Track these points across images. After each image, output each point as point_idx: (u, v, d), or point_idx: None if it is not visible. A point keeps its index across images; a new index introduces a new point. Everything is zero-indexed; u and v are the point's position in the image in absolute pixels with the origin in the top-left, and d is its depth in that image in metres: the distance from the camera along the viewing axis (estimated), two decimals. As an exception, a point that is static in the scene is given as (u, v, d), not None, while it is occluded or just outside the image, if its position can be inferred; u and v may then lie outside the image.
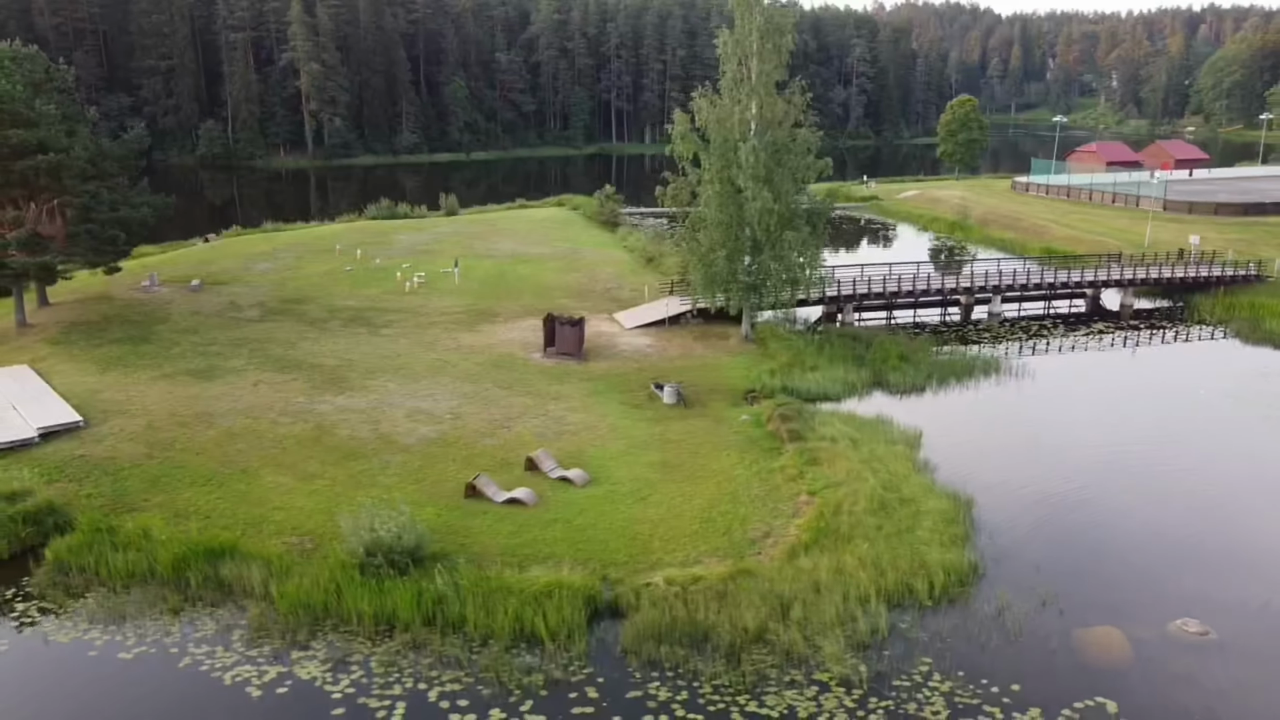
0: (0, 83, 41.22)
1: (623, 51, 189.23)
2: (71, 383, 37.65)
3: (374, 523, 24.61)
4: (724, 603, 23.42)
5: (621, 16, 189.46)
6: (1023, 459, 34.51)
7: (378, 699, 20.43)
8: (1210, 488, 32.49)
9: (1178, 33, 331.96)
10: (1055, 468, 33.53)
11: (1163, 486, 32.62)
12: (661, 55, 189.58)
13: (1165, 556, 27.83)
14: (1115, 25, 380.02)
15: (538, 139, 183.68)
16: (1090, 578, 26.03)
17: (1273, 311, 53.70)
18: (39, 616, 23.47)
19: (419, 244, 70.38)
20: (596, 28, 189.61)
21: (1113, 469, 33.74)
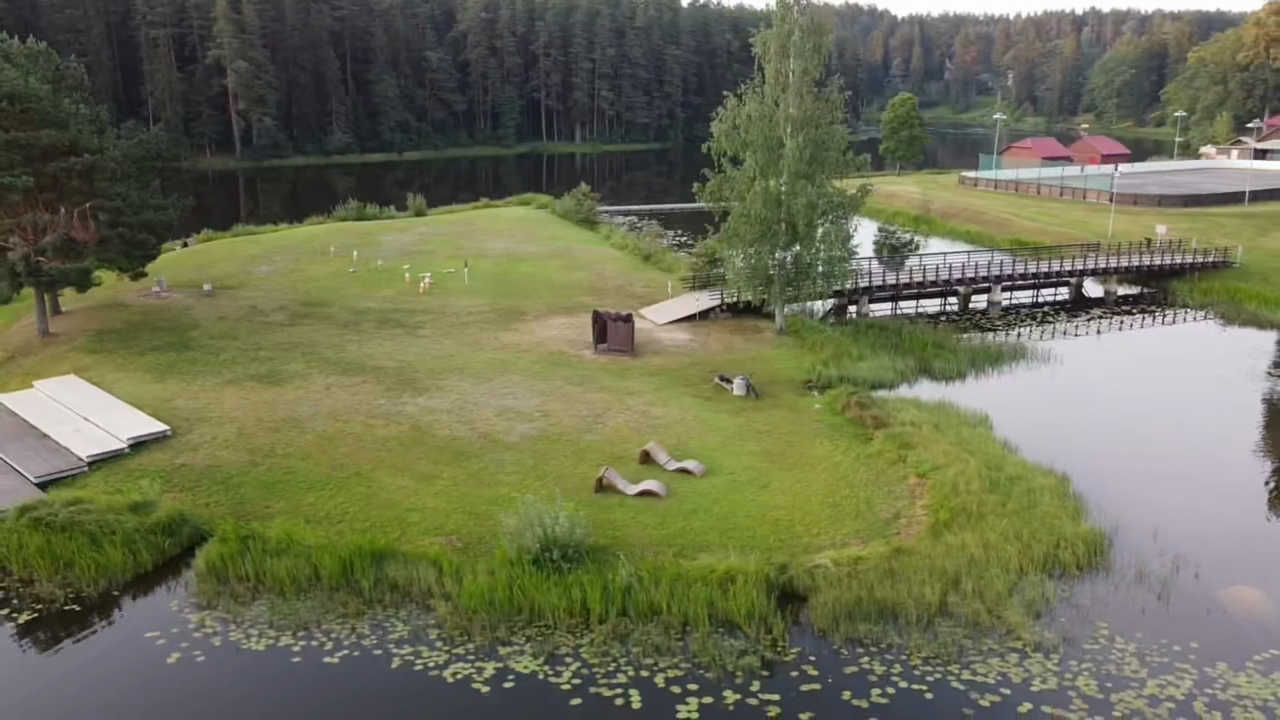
0: (29, 80, 39.41)
1: (551, 50, 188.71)
2: (134, 392, 36.38)
3: (544, 518, 24.81)
4: (896, 580, 24.43)
5: (550, 15, 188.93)
6: (1089, 434, 36.48)
7: (607, 688, 20.77)
8: (1253, 450, 35.10)
9: (1069, 34, 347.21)
10: (1121, 441, 35.70)
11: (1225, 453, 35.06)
12: (590, 54, 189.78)
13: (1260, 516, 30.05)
14: (1007, 27, 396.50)
15: (469, 138, 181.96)
16: (1204, 540, 27.95)
17: (1249, 295, 57.69)
18: (219, 626, 22.97)
19: (407, 244, 69.52)
20: (525, 26, 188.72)
21: (1176, 437, 36.09)
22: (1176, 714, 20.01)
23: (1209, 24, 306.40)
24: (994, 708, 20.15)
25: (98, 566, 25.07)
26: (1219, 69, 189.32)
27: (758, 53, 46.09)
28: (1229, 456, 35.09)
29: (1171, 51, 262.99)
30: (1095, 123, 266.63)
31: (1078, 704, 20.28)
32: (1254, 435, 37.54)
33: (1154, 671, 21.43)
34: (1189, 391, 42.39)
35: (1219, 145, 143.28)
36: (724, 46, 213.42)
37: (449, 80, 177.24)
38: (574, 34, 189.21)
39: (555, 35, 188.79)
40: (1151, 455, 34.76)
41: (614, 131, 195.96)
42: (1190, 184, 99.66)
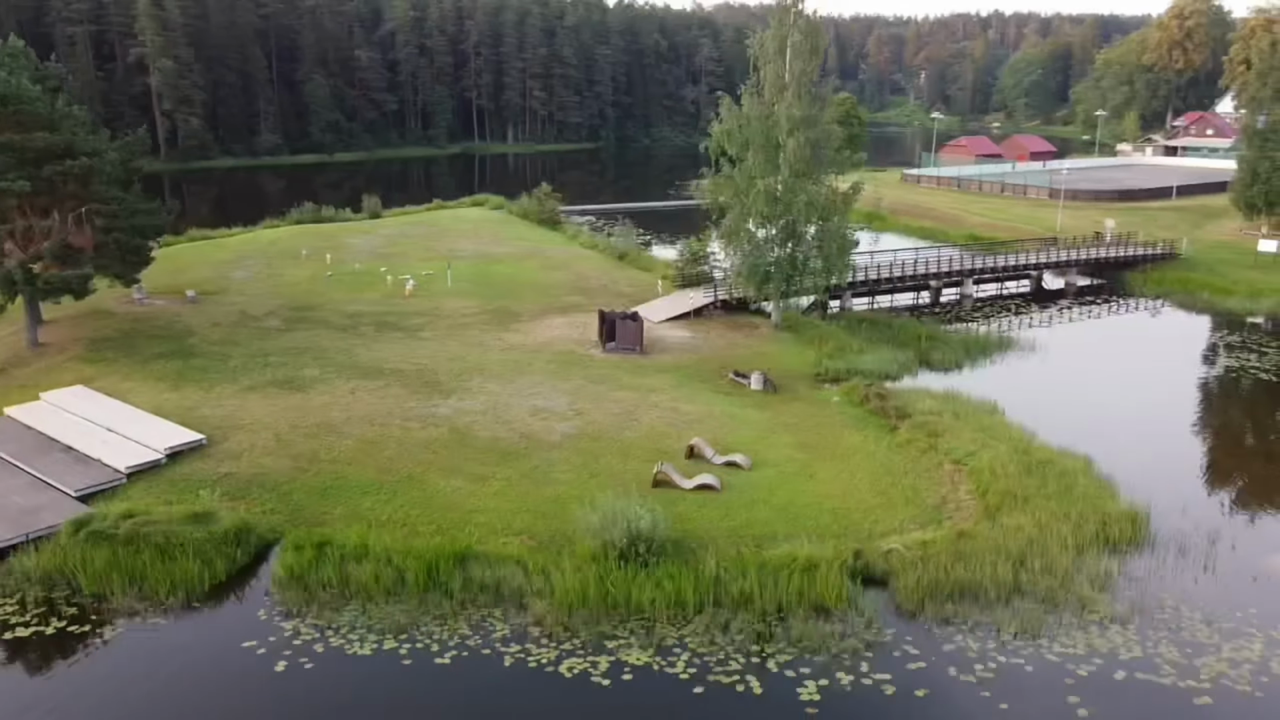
0: (20, 80, 37.95)
1: (482, 49, 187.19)
2: (151, 401, 35.41)
3: (629, 514, 25.19)
4: (966, 561, 25.49)
5: (480, 14, 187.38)
6: (1092, 417, 38.29)
7: (724, 674, 21.31)
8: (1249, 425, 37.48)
9: (977, 36, 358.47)
10: (1124, 423, 37.67)
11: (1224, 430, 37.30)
12: (522, 54, 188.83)
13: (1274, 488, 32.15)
14: (917, 28, 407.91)
15: (400, 139, 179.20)
16: (1230, 514, 29.87)
17: (1200, 284, 61.08)
18: (315, 633, 22.75)
19: (375, 247, 68.64)
20: (455, 25, 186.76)
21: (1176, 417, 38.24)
22: (1257, 674, 21.47)
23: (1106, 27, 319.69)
24: (1091, 677, 21.32)
25: (173, 579, 24.53)
26: (1125, 70, 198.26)
27: (754, 54, 46.97)
28: (1229, 433, 37.38)
29: (1076, 53, 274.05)
30: (1006, 121, 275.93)
31: (1166, 670, 21.61)
32: (1246, 412, 39.96)
33: (1225, 637, 22.92)
34: (1174, 374, 44.94)
35: (1134, 143, 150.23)
36: (652, 47, 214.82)
37: (379, 80, 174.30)
38: (504, 33, 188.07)
39: (486, 34, 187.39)
40: (1156, 435, 36.81)
41: (546, 131, 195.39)
42: (1117, 180, 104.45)
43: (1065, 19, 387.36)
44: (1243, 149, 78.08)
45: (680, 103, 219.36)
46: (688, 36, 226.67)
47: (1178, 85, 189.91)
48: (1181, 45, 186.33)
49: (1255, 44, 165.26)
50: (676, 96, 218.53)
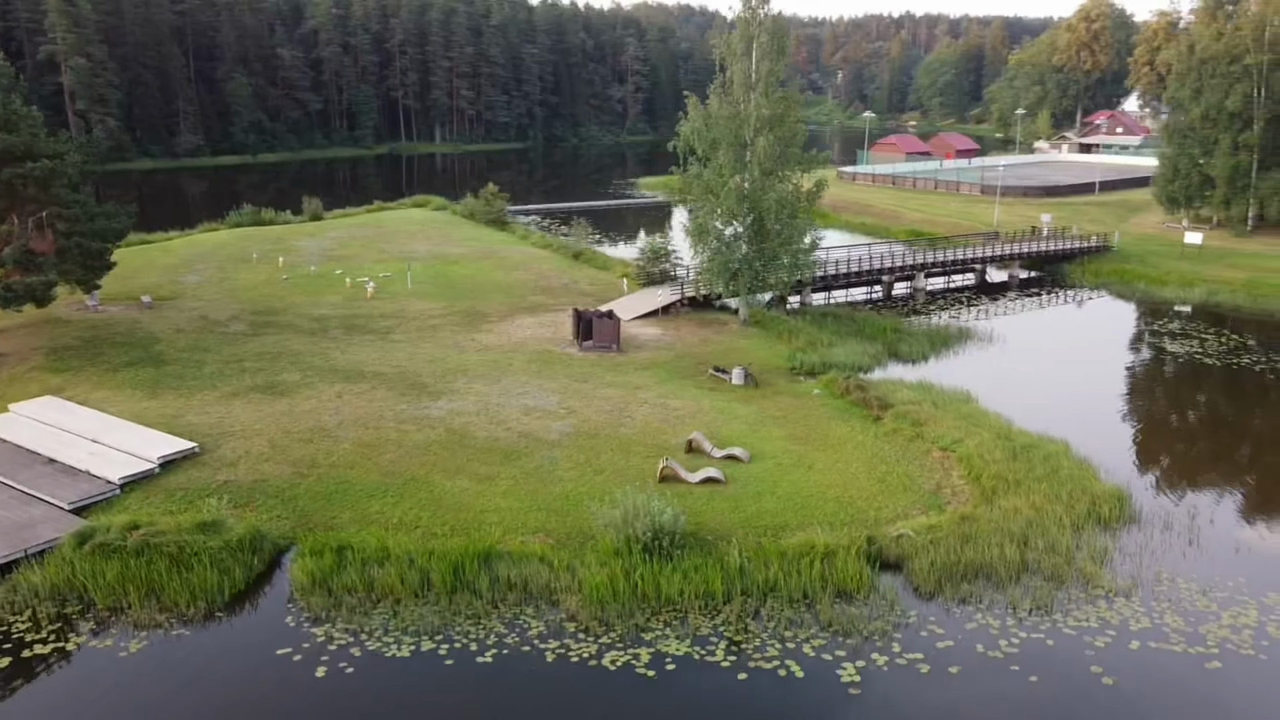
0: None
1: (408, 48, 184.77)
2: (131, 410, 34.45)
3: (651, 508, 25.55)
4: (973, 543, 26.50)
5: (404, 12, 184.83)
6: (1060, 402, 40.01)
7: (764, 660, 21.83)
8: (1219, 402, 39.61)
9: (893, 36, 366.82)
10: (1090, 407, 39.41)
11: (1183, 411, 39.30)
12: (448, 52, 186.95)
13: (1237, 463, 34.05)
14: (832, 29, 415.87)
15: (325, 139, 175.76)
16: (1203, 489, 31.56)
17: (1136, 275, 64.03)
18: (349, 637, 22.56)
19: (326, 249, 67.57)
20: (379, 23, 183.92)
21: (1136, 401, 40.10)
22: (1257, 638, 22.88)
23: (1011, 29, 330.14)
24: (1108, 648, 22.44)
25: (191, 589, 24.02)
26: (1037, 70, 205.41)
27: (720, 54, 47.67)
28: (1185, 415, 39.38)
29: (987, 54, 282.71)
30: (922, 120, 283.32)
31: (1175, 638, 22.87)
32: (1197, 396, 42.12)
33: (1223, 605, 24.33)
34: (1126, 360, 47.19)
35: (1050, 140, 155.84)
36: (578, 46, 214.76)
37: (302, 79, 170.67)
38: (430, 32, 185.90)
39: (411, 33, 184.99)
40: (1118, 418, 38.62)
41: (474, 131, 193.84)
42: (1041, 176, 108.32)
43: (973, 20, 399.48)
44: (1164, 146, 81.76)
45: (608, 102, 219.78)
46: (613, 36, 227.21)
47: (1086, 85, 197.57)
48: (1089, 47, 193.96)
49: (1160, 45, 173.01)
50: (603, 96, 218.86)
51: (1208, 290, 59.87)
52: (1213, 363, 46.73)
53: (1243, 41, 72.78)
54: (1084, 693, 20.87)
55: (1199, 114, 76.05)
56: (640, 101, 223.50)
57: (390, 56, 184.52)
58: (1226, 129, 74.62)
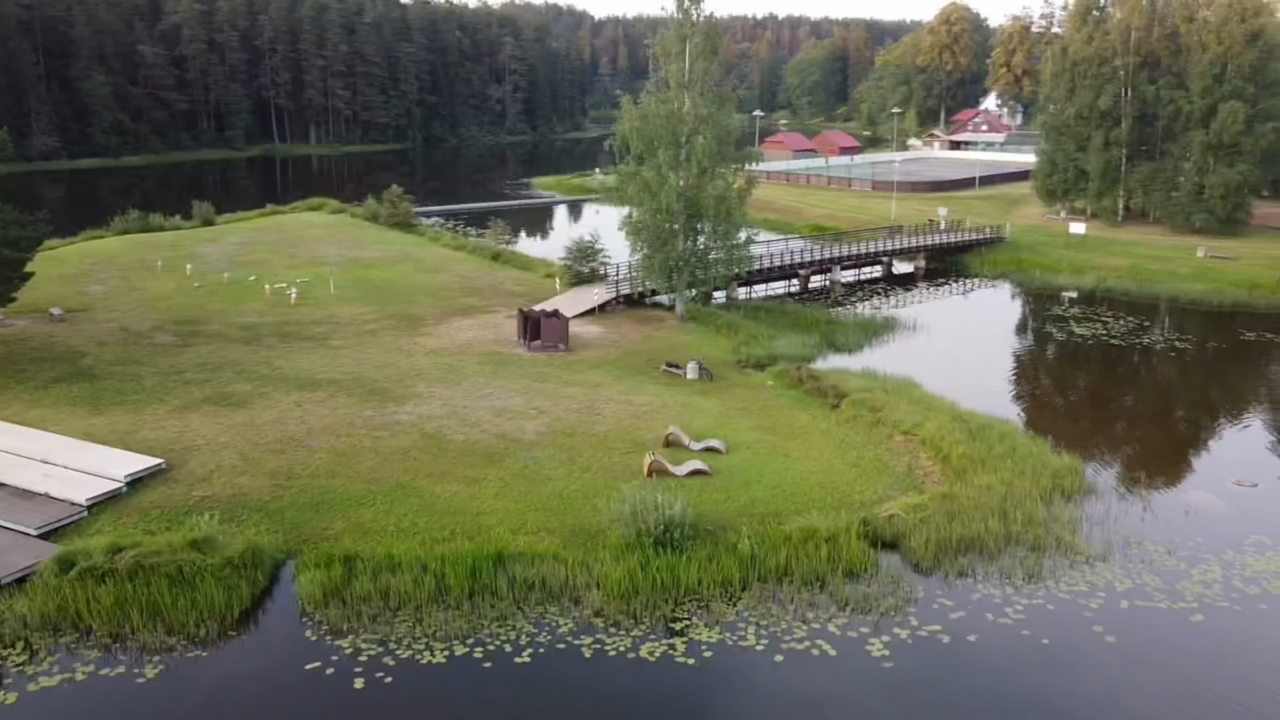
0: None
1: (278, 46, 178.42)
2: (79, 428, 32.56)
3: (661, 502, 25.94)
4: (958, 519, 27.91)
5: (273, 9, 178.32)
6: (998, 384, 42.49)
7: (795, 642, 22.50)
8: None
9: (759, 37, 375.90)
10: (1022, 386, 41.90)
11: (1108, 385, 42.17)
12: (322, 51, 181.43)
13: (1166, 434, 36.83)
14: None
15: (193, 141, 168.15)
16: (1143, 457, 34.08)
17: (1032, 264, 68.06)
18: (378, 647, 22.10)
19: (230, 255, 65.08)
20: (247, 20, 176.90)
21: (1060, 381, 42.76)
22: (1227, 591, 25.00)
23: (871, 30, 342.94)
24: (1103, 608, 24.11)
25: (198, 608, 23.03)
26: (902, 71, 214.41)
27: (655, 53, 48.29)
28: (1107, 392, 42.28)
29: (852, 55, 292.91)
30: (792, 119, 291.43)
31: (1158, 596, 24.75)
32: (1113, 373, 45.22)
33: (1189, 564, 26.44)
34: (1042, 343, 50.17)
35: (922, 138, 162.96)
36: (455, 45, 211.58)
37: (166, 77, 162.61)
38: (302, 29, 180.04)
39: (281, 30, 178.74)
40: (1048, 396, 41.12)
41: (352, 132, 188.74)
42: (925, 172, 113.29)
43: (834, 22, 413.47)
44: (1043, 143, 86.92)
45: (486, 102, 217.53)
46: (489, 35, 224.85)
47: (949, 85, 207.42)
48: (950, 49, 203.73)
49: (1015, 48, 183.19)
50: (482, 96, 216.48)
51: (1097, 277, 64.10)
52: (1119, 343, 50.26)
53: (1111, 45, 78.08)
54: (1091, 651, 22.39)
55: (1074, 113, 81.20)
56: (519, 101, 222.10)
57: (260, 55, 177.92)
58: (1099, 126, 79.95)
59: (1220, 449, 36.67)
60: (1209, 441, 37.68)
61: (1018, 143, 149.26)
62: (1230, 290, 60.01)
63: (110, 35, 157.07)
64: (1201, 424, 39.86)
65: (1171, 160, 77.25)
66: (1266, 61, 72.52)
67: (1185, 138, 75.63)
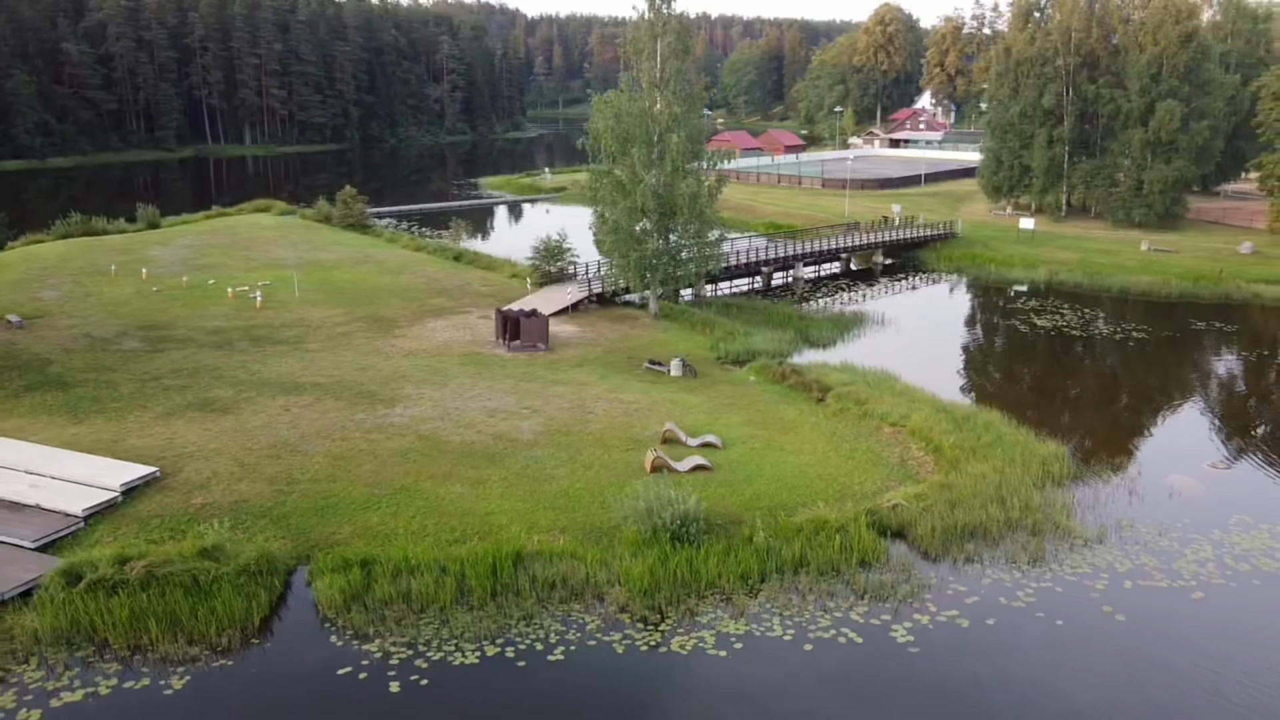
0: None
1: (210, 44, 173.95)
2: (59, 437, 31.55)
3: (673, 498, 26.15)
4: (959, 507, 28.61)
5: (204, 6, 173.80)
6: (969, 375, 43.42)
7: (821, 631, 22.88)
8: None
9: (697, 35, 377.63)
10: (992, 377, 42.97)
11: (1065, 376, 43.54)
12: (255, 49, 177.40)
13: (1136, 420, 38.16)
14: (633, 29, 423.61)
15: (122, 142, 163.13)
16: (1120, 442, 35.31)
17: (985, 259, 69.82)
18: (407, 650, 21.90)
19: (184, 258, 63.55)
20: (176, 17, 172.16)
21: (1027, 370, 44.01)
22: (1220, 568, 26.09)
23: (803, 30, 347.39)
24: (1108, 589, 24.97)
25: (217, 617, 22.55)
26: (838, 70, 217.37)
27: (626, 52, 48.37)
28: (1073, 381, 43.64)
29: (787, 55, 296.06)
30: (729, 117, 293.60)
31: (1158, 575, 25.72)
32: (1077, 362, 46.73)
33: (1183, 543, 27.51)
34: (1006, 335, 51.52)
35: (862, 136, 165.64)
36: (391, 44, 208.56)
37: (93, 76, 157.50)
38: (234, 27, 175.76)
39: (213, 28, 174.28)
40: (1022, 385, 42.34)
41: (288, 132, 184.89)
42: (868, 170, 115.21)
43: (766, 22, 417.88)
44: (988, 140, 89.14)
45: (424, 101, 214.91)
46: (425, 33, 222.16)
47: (884, 84, 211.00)
48: (885, 49, 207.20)
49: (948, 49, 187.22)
50: (420, 95, 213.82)
51: (1049, 270, 66.02)
52: (1078, 333, 51.91)
53: (1053, 45, 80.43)
54: (1104, 630, 23.20)
55: (1018, 111, 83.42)
56: (458, 101, 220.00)
57: (191, 53, 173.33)
58: (1042, 124, 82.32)
59: (1188, 433, 38.12)
60: (1177, 426, 39.10)
61: (954, 140, 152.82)
62: (1176, 282, 62.29)
63: (33, 32, 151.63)
64: (1166, 409, 41.36)
65: (1111, 157, 79.87)
66: (1200, 62, 75.33)
67: (1125, 135, 78.24)
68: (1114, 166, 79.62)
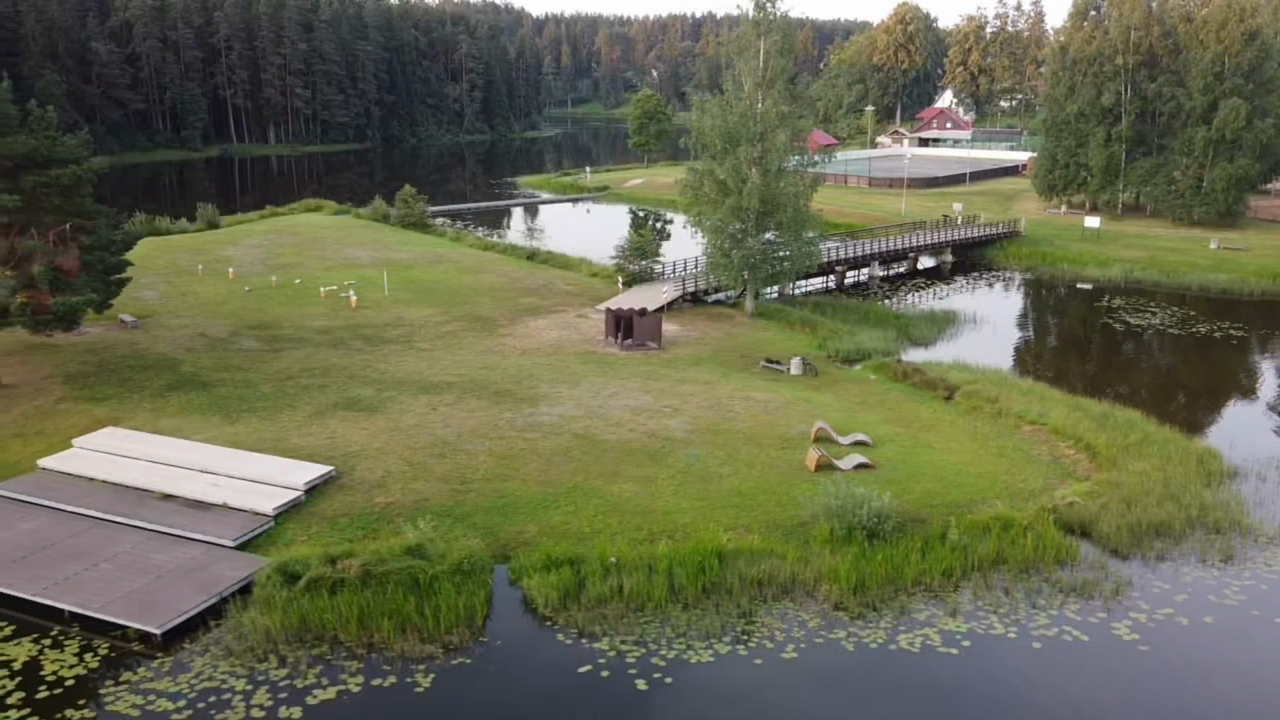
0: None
1: (235, 44, 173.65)
2: (218, 437, 31.53)
3: (866, 496, 26.18)
4: (1135, 505, 28.59)
5: (229, 5, 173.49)
6: (1080, 372, 43.42)
7: (1043, 629, 22.89)
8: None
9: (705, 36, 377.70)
10: (1105, 374, 43.01)
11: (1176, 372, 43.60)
12: (280, 49, 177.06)
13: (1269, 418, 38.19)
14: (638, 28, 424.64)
15: (148, 141, 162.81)
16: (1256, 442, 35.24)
17: (1054, 257, 69.78)
18: (638, 649, 21.84)
19: (261, 258, 63.44)
20: (201, 17, 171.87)
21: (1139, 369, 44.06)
22: None
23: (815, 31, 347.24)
24: (1311, 585, 25.04)
25: (441, 616, 22.52)
26: (857, 70, 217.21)
27: (728, 51, 48.39)
28: (1198, 376, 43.64)
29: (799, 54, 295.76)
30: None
31: (1355, 569, 25.77)
32: (1184, 358, 46.76)
33: (1373, 537, 27.57)
34: (1109, 335, 51.51)
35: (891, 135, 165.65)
36: (411, 43, 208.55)
37: (121, 76, 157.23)
38: (259, 27, 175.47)
39: (238, 28, 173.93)
40: (1139, 385, 42.38)
41: (311, 132, 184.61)
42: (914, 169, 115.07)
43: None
44: (1043, 139, 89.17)
45: (444, 100, 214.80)
46: (444, 33, 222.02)
47: (904, 83, 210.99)
48: (905, 48, 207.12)
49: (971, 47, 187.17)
50: (440, 95, 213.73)
51: (1123, 269, 65.98)
52: (1177, 332, 51.96)
53: (1112, 44, 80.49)
54: (1323, 626, 23.24)
55: (1075, 110, 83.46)
56: (477, 101, 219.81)
57: (216, 53, 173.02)
58: (1100, 123, 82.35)
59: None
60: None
61: (983, 140, 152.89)
62: (1255, 280, 62.30)
63: (62, 32, 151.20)
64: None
65: (1171, 155, 79.89)
66: (1262, 60, 75.43)
67: (1186, 133, 78.27)
68: (1173, 164, 79.63)
